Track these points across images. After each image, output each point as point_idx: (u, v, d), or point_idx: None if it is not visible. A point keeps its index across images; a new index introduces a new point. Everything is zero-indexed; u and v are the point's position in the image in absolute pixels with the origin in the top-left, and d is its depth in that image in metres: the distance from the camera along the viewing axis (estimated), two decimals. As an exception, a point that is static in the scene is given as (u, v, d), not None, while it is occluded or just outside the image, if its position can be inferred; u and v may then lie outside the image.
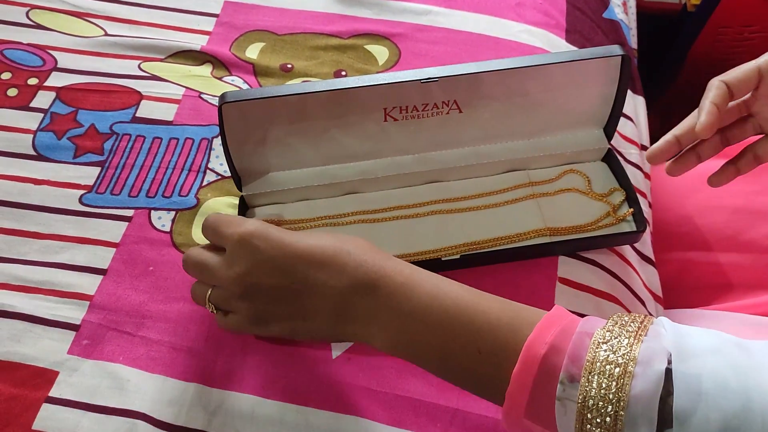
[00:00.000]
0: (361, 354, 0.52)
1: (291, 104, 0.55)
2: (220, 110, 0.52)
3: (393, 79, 0.53)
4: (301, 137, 0.58)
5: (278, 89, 0.53)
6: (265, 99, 0.53)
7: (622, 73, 0.57)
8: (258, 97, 0.53)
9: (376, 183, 0.60)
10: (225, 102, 0.52)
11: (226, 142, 0.55)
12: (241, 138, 0.56)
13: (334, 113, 0.57)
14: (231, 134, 0.55)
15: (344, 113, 0.57)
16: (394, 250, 0.57)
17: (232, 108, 0.53)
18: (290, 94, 0.53)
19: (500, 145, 0.62)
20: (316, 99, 0.54)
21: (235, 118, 0.54)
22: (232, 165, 0.57)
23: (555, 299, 0.56)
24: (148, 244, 0.58)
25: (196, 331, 0.53)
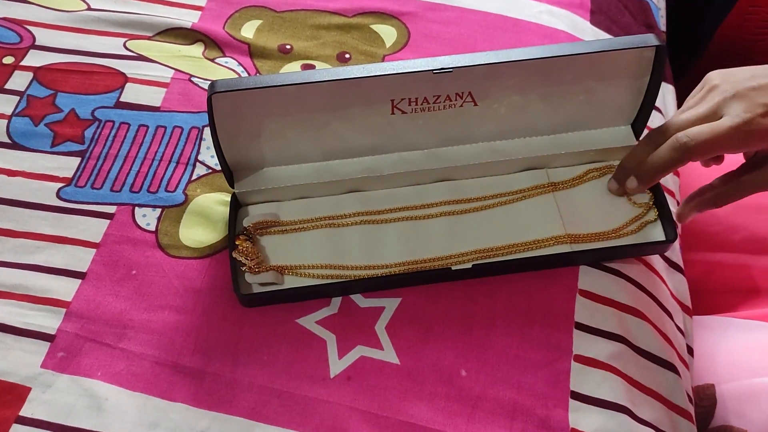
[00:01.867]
0: (363, 372, 0.48)
1: (288, 94, 0.49)
2: (210, 101, 0.47)
3: (402, 69, 0.48)
4: (300, 130, 0.52)
5: (274, 78, 0.48)
6: (259, 89, 0.47)
7: (656, 65, 0.52)
8: (252, 87, 0.47)
9: (381, 181, 0.55)
10: (215, 92, 0.46)
11: (216, 135, 0.50)
12: (233, 130, 0.51)
13: (336, 105, 0.51)
14: (222, 127, 0.50)
15: (347, 105, 0.51)
16: (400, 256, 0.52)
17: (224, 98, 0.48)
18: (288, 84, 0.47)
19: (518, 141, 0.56)
20: (317, 89, 0.49)
21: (226, 109, 0.49)
22: (224, 159, 0.52)
23: (575, 314, 0.51)
24: (131, 244, 0.53)
25: (181, 343, 0.49)
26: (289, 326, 0.49)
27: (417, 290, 0.51)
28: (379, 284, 0.51)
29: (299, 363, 0.48)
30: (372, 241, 0.53)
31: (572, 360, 0.49)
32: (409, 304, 0.50)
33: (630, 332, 0.51)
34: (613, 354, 0.49)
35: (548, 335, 0.50)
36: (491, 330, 0.50)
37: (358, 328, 0.49)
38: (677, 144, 0.48)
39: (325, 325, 0.50)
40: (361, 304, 0.51)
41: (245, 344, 0.49)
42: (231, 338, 0.49)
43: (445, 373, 0.48)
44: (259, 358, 0.48)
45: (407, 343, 0.49)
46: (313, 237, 0.53)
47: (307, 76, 0.48)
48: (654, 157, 0.50)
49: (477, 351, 0.49)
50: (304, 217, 0.54)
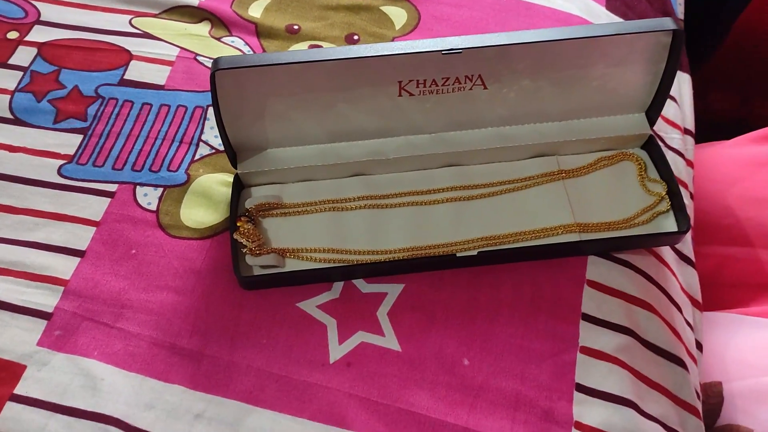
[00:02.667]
0: (363, 359, 0.47)
1: (294, 73, 0.48)
2: (213, 78, 0.46)
3: (410, 49, 0.46)
4: (304, 111, 0.51)
5: (279, 56, 0.47)
6: (264, 66, 0.46)
7: (673, 51, 0.50)
8: (256, 65, 0.46)
9: (387, 165, 0.54)
10: (219, 68, 0.45)
11: (219, 113, 0.49)
12: (236, 109, 0.50)
13: (342, 85, 0.50)
14: (225, 105, 0.48)
15: (354, 85, 0.50)
16: (404, 241, 0.51)
17: (227, 76, 0.47)
18: (293, 62, 0.46)
19: (528, 127, 0.55)
20: (323, 68, 0.47)
21: (230, 87, 0.48)
22: (227, 139, 0.51)
23: (582, 305, 0.50)
24: (131, 223, 0.52)
25: (179, 324, 0.48)
26: (290, 310, 0.49)
27: (420, 277, 0.50)
28: (382, 269, 0.50)
29: (298, 347, 0.47)
30: (376, 225, 0.52)
31: (578, 351, 0.48)
32: (412, 291, 0.49)
33: (638, 325, 0.50)
34: (620, 347, 0.48)
35: (554, 326, 0.48)
36: (496, 319, 0.49)
37: (359, 313, 0.48)
38: None
39: (326, 309, 0.49)
40: (363, 290, 0.50)
41: (244, 327, 0.48)
42: (230, 321, 0.48)
43: (448, 361, 0.47)
44: (258, 342, 0.47)
45: (409, 330, 0.48)
46: (316, 220, 0.52)
47: (313, 54, 0.47)
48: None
49: (480, 340, 0.48)
50: (307, 200, 0.53)
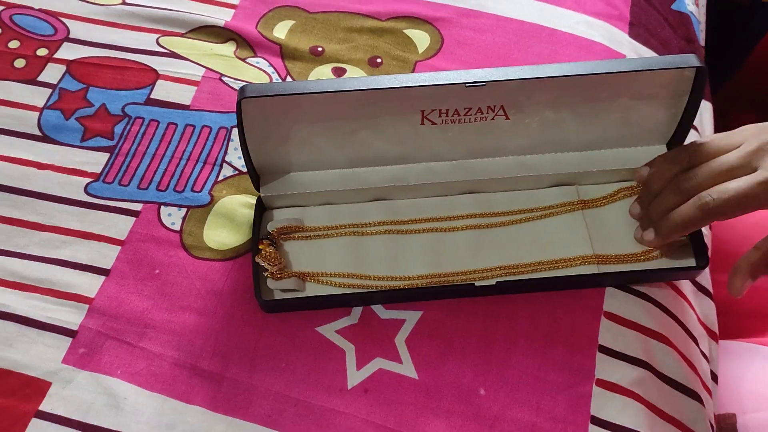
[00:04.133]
0: (380, 385, 0.47)
1: (318, 101, 0.49)
2: (239, 105, 0.47)
3: (434, 81, 0.47)
4: (327, 137, 0.52)
5: (304, 85, 0.47)
6: (289, 96, 0.47)
7: (696, 86, 0.50)
8: (281, 93, 0.47)
9: (408, 191, 0.54)
10: (245, 96, 0.46)
11: (244, 138, 0.49)
12: (261, 135, 0.50)
13: (365, 113, 0.51)
14: (250, 131, 0.49)
15: (377, 114, 0.51)
16: (423, 268, 0.51)
17: (253, 104, 0.47)
18: (318, 92, 0.47)
19: (548, 157, 0.55)
20: (347, 97, 0.48)
21: (255, 114, 0.48)
22: (251, 163, 0.52)
23: (599, 337, 0.50)
24: (155, 243, 0.53)
25: (201, 346, 0.49)
26: (309, 334, 0.49)
27: (438, 304, 0.50)
28: (401, 296, 0.50)
29: (317, 372, 0.48)
30: (395, 251, 0.52)
31: (594, 384, 0.48)
32: (430, 318, 0.50)
33: (654, 358, 0.50)
34: (636, 380, 0.48)
35: (570, 357, 0.49)
36: (512, 349, 0.49)
37: (377, 339, 0.49)
38: (699, 203, 0.46)
39: (344, 334, 0.49)
40: (381, 316, 0.50)
41: (264, 350, 0.49)
42: (250, 343, 0.49)
43: (464, 390, 0.47)
44: (277, 365, 0.48)
45: (426, 357, 0.48)
46: (336, 244, 0.53)
47: (338, 84, 0.47)
48: (676, 214, 0.48)
49: (497, 370, 0.48)
50: (327, 224, 0.54)
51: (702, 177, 0.47)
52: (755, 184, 0.44)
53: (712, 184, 0.47)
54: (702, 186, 0.47)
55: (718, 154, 0.48)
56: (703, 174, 0.47)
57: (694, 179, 0.48)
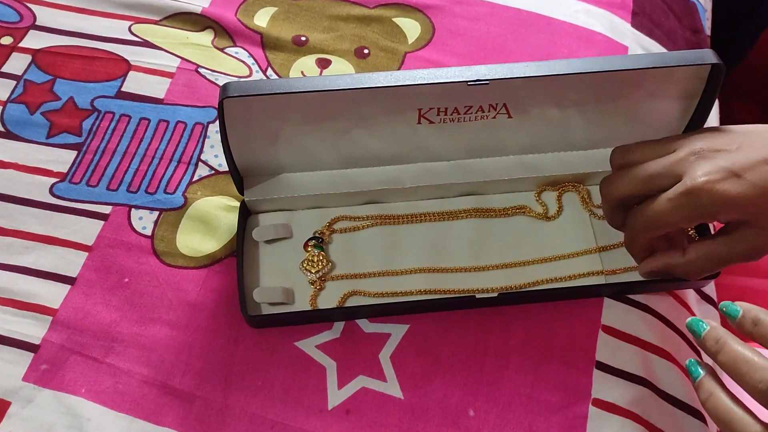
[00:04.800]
0: (363, 406, 0.44)
1: (306, 100, 0.45)
2: (221, 105, 0.43)
3: (433, 79, 0.43)
4: (316, 136, 0.48)
5: (291, 83, 0.44)
6: (276, 95, 0.43)
7: (710, 84, 0.47)
8: (268, 93, 0.43)
9: (403, 193, 0.51)
10: (227, 96, 0.42)
11: (227, 139, 0.46)
12: (244, 135, 0.47)
13: (357, 112, 0.47)
14: (233, 131, 0.46)
15: (370, 112, 0.47)
16: (418, 262, 0.49)
17: (236, 104, 0.44)
18: (306, 90, 0.43)
19: (552, 156, 0.52)
20: (338, 96, 0.44)
21: (238, 113, 0.45)
22: (234, 165, 0.48)
23: (596, 352, 0.47)
24: (124, 249, 0.50)
25: (171, 362, 0.46)
26: (287, 349, 0.46)
27: (427, 318, 0.47)
28: (392, 309, 0.47)
29: (296, 391, 0.45)
30: (389, 251, 0.50)
31: (590, 404, 0.45)
32: (418, 333, 0.47)
33: (654, 374, 0.47)
34: (635, 399, 0.45)
35: (566, 375, 0.46)
36: (504, 366, 0.46)
37: (360, 355, 0.46)
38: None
39: (325, 350, 0.46)
40: (365, 329, 0.47)
41: (239, 367, 0.45)
42: (225, 359, 0.46)
43: (452, 411, 0.44)
44: (253, 383, 0.45)
45: (412, 375, 0.45)
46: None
47: (328, 82, 0.43)
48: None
49: (487, 389, 0.45)
50: (317, 229, 0.50)
51: (621, 184, 0.43)
52: (674, 197, 0.40)
53: (632, 191, 0.43)
54: (620, 194, 0.43)
55: (652, 159, 0.43)
56: (623, 181, 0.43)
57: (613, 186, 0.44)
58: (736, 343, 0.36)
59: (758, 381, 0.33)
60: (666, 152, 0.43)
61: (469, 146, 0.50)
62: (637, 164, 0.43)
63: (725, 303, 0.37)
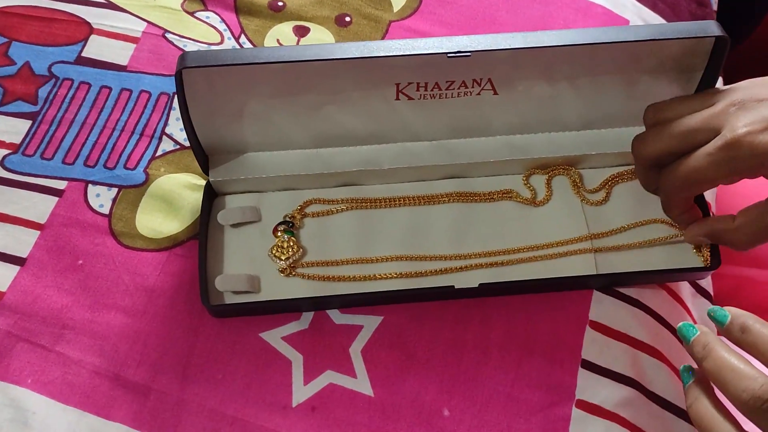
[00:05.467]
0: (330, 403, 0.41)
1: (273, 73, 0.42)
2: (180, 76, 0.39)
3: (410, 50, 0.39)
4: (287, 112, 0.45)
5: (256, 53, 0.40)
6: (240, 66, 0.39)
7: (713, 58, 0.43)
8: (230, 63, 0.39)
9: (380, 175, 0.47)
10: (186, 66, 0.39)
11: (188, 114, 0.42)
12: (208, 110, 0.43)
13: (331, 86, 0.43)
14: (195, 105, 0.42)
15: (344, 87, 0.43)
16: (395, 249, 0.46)
17: (197, 75, 0.40)
18: (274, 61, 0.39)
19: (542, 137, 0.48)
20: (309, 68, 0.41)
21: (200, 86, 0.41)
22: (197, 142, 0.45)
23: (582, 349, 0.44)
24: (80, 228, 0.46)
25: (126, 352, 0.42)
26: (251, 340, 0.43)
27: (402, 309, 0.44)
28: (366, 300, 0.44)
29: (258, 386, 0.42)
30: (365, 234, 0.47)
31: (574, 405, 0.42)
32: (391, 325, 0.44)
33: (644, 374, 0.44)
34: (622, 401, 0.42)
35: (549, 373, 0.43)
36: (483, 362, 0.43)
37: (329, 349, 0.43)
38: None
39: (292, 342, 0.43)
40: (336, 321, 0.44)
41: (198, 358, 0.42)
42: (183, 350, 0.43)
43: (425, 410, 0.41)
44: (213, 377, 0.42)
45: (384, 371, 0.42)
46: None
47: (294, 53, 0.40)
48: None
49: (464, 387, 0.42)
50: (287, 212, 0.47)
51: (656, 141, 0.40)
52: (714, 151, 0.37)
53: (667, 148, 0.40)
54: (654, 151, 0.40)
55: (688, 113, 0.40)
56: (657, 138, 0.40)
57: (646, 144, 0.41)
58: (724, 350, 0.34)
59: (741, 390, 0.32)
60: (704, 106, 0.39)
61: (451, 125, 0.47)
62: (672, 120, 0.40)
63: (713, 308, 0.36)
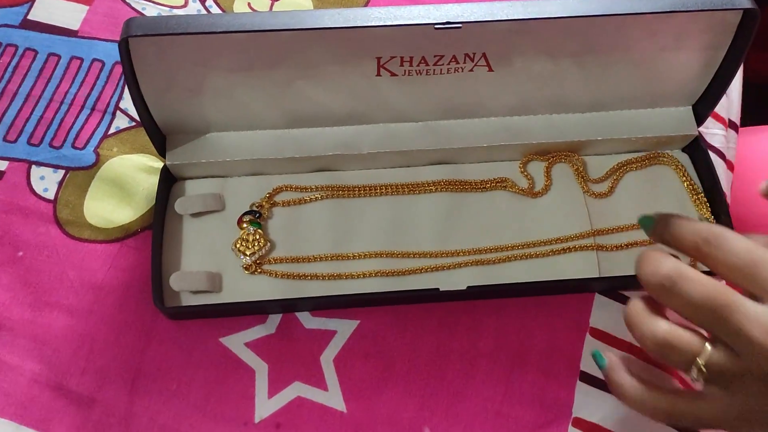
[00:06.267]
0: (297, 419, 0.37)
1: (237, 44, 0.36)
2: (126, 45, 0.34)
3: (391, 20, 0.34)
4: (253, 89, 0.39)
5: (217, 21, 0.34)
6: (195, 35, 0.34)
7: (741, 33, 0.38)
8: (182, 32, 0.34)
9: (360, 160, 0.42)
10: (131, 35, 0.33)
11: (138, 89, 0.37)
12: (162, 84, 0.38)
13: (303, 59, 0.38)
14: (147, 79, 0.37)
15: (318, 61, 0.38)
16: (374, 245, 0.41)
17: (147, 45, 0.35)
18: (236, 30, 0.34)
19: (542, 119, 0.43)
20: (277, 38, 0.35)
21: (150, 57, 0.36)
22: (151, 121, 0.39)
23: (581, 360, 0.39)
24: (21, 215, 0.41)
25: (69, 358, 0.38)
26: (210, 346, 0.38)
27: (381, 312, 0.39)
28: (340, 302, 0.40)
29: (217, 399, 0.37)
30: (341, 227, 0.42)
31: (570, 424, 0.38)
32: (368, 331, 0.39)
33: (649, 387, 0.39)
34: (624, 419, 0.38)
35: (543, 388, 0.38)
36: (471, 374, 0.38)
37: (298, 357, 0.38)
38: None
39: (256, 349, 0.38)
40: (306, 325, 0.39)
41: (150, 366, 0.38)
42: (133, 357, 0.38)
43: (404, 429, 0.37)
44: (166, 388, 0.37)
45: (359, 384, 0.38)
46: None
47: (261, 21, 0.34)
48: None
49: (448, 402, 0.38)
50: (255, 200, 0.42)
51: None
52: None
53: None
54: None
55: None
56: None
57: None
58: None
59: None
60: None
61: (440, 105, 0.42)
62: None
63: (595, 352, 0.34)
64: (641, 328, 0.30)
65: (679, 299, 0.29)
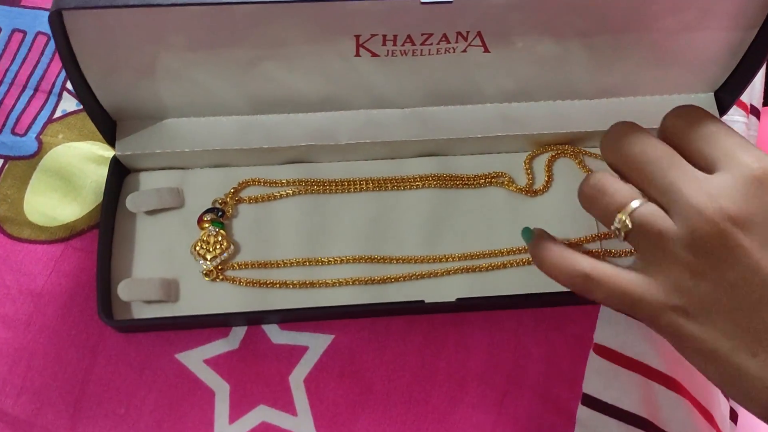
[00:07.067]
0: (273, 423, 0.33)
1: (192, 19, 0.31)
2: (59, 19, 0.29)
3: None
4: (213, 70, 0.35)
5: None
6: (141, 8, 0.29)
7: (774, 13, 0.33)
8: (122, 5, 0.29)
9: (337, 151, 0.38)
10: (63, 8, 0.28)
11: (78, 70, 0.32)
12: (107, 63, 0.33)
13: (268, 38, 0.33)
14: (87, 57, 0.32)
15: (287, 40, 0.33)
16: (351, 249, 0.37)
17: (86, 18, 0.30)
18: (188, 3, 0.29)
19: (544, 106, 0.39)
20: (238, 14, 0.31)
21: (91, 33, 0.31)
22: (97, 105, 0.35)
23: (584, 381, 0.35)
24: (-48, 212, 0.36)
25: (4, 376, 0.34)
26: (164, 364, 0.34)
27: (358, 326, 0.35)
28: (312, 314, 0.35)
29: (171, 424, 0.33)
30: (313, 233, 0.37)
31: (570, 455, 0.34)
32: (344, 347, 0.35)
33: (659, 413, 0.36)
34: (631, 450, 0.34)
35: (541, 413, 0.35)
36: (458, 398, 0.35)
37: (264, 376, 0.34)
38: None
39: (216, 367, 0.34)
40: (274, 339, 0.35)
41: (96, 387, 0.34)
42: (76, 375, 0.34)
43: (382, 461, 0.33)
44: (113, 411, 0.33)
45: (333, 408, 0.34)
46: None
47: None
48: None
49: (433, 429, 0.34)
50: (219, 196, 0.37)
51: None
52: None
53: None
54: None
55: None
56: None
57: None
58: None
59: None
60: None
61: (428, 89, 0.37)
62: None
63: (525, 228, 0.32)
64: (584, 181, 0.29)
65: (619, 153, 0.28)
